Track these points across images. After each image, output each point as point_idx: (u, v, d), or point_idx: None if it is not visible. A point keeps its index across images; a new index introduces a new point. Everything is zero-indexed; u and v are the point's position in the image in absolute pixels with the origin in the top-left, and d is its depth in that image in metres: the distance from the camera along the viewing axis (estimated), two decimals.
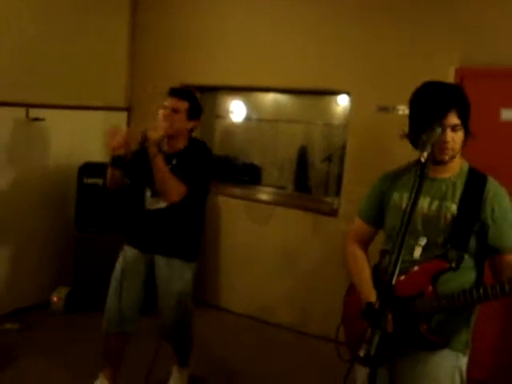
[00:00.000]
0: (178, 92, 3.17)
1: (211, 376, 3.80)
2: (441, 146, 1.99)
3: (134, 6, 5.25)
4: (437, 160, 2.05)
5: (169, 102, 3.09)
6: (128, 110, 5.34)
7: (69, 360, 3.80)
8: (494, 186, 2.07)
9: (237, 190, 5.14)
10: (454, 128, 1.99)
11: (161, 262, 3.16)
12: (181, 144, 3.13)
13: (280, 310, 4.75)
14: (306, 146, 5.41)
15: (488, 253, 2.09)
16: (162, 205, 3.09)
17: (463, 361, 2.14)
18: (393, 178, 2.25)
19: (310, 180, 5.42)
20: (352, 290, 2.33)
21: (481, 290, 1.87)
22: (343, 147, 4.53)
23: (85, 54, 4.80)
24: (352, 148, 4.36)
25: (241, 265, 4.94)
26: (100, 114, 5.01)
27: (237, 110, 5.59)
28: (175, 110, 3.06)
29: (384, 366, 2.15)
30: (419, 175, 1.77)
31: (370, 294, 2.13)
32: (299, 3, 4.50)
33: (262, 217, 4.83)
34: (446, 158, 2.04)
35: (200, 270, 5.06)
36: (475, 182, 2.07)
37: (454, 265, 2.01)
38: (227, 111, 5.62)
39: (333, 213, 4.48)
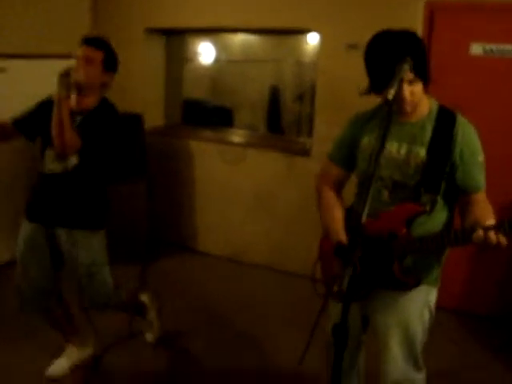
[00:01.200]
0: (93, 41, 2.83)
1: (190, 320, 3.86)
2: (400, 102, 1.95)
3: None
4: (400, 112, 2.02)
5: (82, 51, 2.77)
6: None
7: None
8: (462, 126, 2.04)
9: (208, 134, 5.11)
10: (410, 82, 1.93)
11: (62, 234, 2.87)
12: (90, 101, 2.82)
13: (256, 250, 4.82)
14: (277, 86, 5.36)
15: (457, 193, 2.09)
16: (60, 166, 2.79)
17: (433, 295, 2.20)
18: (363, 121, 2.23)
19: (283, 120, 5.40)
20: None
21: (452, 235, 1.89)
22: (314, 87, 4.50)
23: (48, 3, 4.63)
24: (322, 87, 4.34)
25: (216, 207, 4.98)
26: (62, 62, 4.85)
27: (205, 52, 5.49)
28: (89, 60, 2.76)
29: (357, 303, 2.21)
30: (387, 113, 1.76)
31: (340, 234, 2.14)
32: None
33: (234, 159, 4.83)
34: (408, 110, 2.01)
35: (175, 214, 5.16)
36: (444, 123, 2.05)
37: (428, 208, 2.03)
38: (195, 54, 5.51)
39: (305, 153, 4.50)
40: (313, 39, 4.73)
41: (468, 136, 2.04)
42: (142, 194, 4.68)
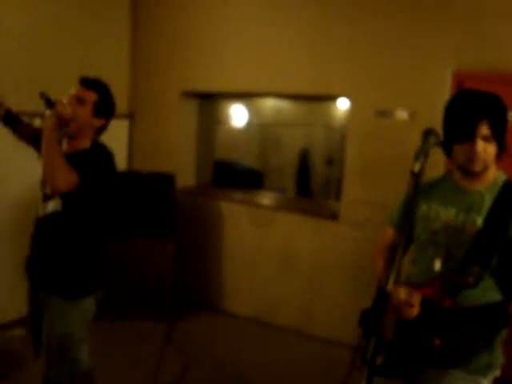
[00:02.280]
0: (89, 82, 2.63)
1: (214, 381, 3.82)
2: (471, 156, 1.92)
3: (134, 12, 5.30)
4: (468, 171, 1.98)
5: (75, 90, 2.58)
6: (130, 116, 5.40)
7: None
8: None
9: (238, 195, 5.18)
10: (485, 139, 1.90)
11: (41, 296, 2.60)
12: (82, 144, 2.57)
13: (283, 312, 4.79)
14: (307, 150, 5.45)
15: None
16: (42, 209, 2.56)
17: (484, 383, 2.03)
18: (425, 189, 2.14)
19: (312, 184, 5.46)
20: None
21: (494, 311, 1.81)
22: (343, 151, 4.57)
23: (86, 61, 4.82)
24: (351, 151, 4.40)
25: (243, 269, 4.99)
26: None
27: (237, 115, 5.63)
28: (80, 100, 2.54)
29: (402, 380, 2.10)
30: (413, 186, 1.76)
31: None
32: (300, 10, 4.53)
33: (263, 221, 4.87)
34: (477, 168, 1.95)
35: (203, 274, 5.18)
36: (507, 196, 1.96)
37: (471, 280, 1.88)
38: (228, 116, 5.66)
39: (334, 216, 4.52)
40: (343, 104, 4.84)
41: None
42: (171, 253, 4.72)
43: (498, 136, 1.92)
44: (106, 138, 2.78)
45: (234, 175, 5.52)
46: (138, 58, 5.36)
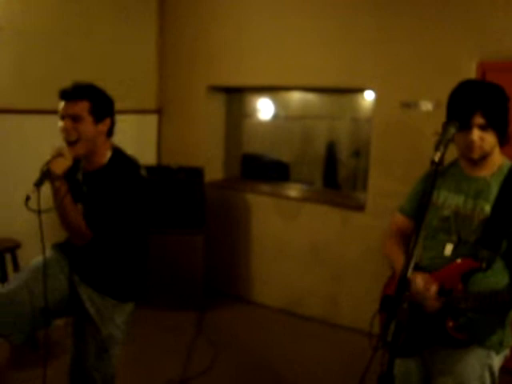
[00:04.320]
0: (72, 93, 2.40)
1: (243, 370, 3.88)
2: (468, 144, 2.00)
3: (161, 8, 5.39)
4: (468, 158, 2.07)
5: (64, 109, 2.38)
6: (159, 112, 5.50)
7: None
8: None
9: (266, 187, 5.24)
10: (481, 127, 1.97)
11: (85, 290, 2.53)
12: (101, 157, 2.46)
13: (310, 302, 4.85)
14: (333, 142, 5.46)
15: None
16: None
17: (495, 359, 2.10)
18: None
19: (339, 175, 5.48)
20: (391, 280, 2.36)
21: (505, 294, 1.87)
22: (369, 142, 4.59)
23: (114, 58, 4.94)
24: (377, 143, 4.43)
25: (271, 260, 5.06)
26: (132, 117, 5.17)
27: (264, 109, 5.69)
28: (74, 118, 2.36)
29: (417, 359, 2.20)
30: (433, 174, 1.80)
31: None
32: (324, 4, 4.57)
33: (291, 213, 4.93)
34: (475, 156, 2.03)
35: (232, 265, 5.26)
36: None
37: (484, 265, 1.99)
38: (254, 110, 5.72)
39: (360, 207, 4.56)
40: (369, 96, 4.85)
41: None
42: (200, 244, 4.81)
43: (495, 125, 1.98)
44: (136, 134, 2.78)
45: (261, 168, 5.58)
46: (165, 55, 5.46)
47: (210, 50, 5.18)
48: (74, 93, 2.39)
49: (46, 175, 2.23)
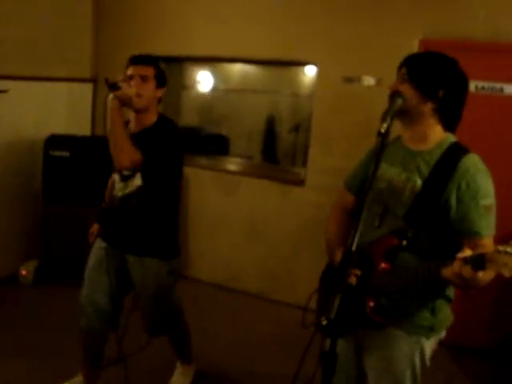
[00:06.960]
0: (143, 58, 2.80)
1: None
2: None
3: None
4: None
5: (134, 70, 2.74)
6: (94, 81, 5.28)
7: (40, 334, 3.81)
8: (469, 163, 1.88)
9: (204, 161, 5.16)
10: (405, 81, 1.98)
11: (132, 260, 2.87)
12: (150, 119, 2.79)
13: (249, 278, 4.83)
14: (273, 116, 5.42)
15: (457, 238, 1.89)
16: (125, 188, 2.79)
17: (426, 344, 2.05)
18: (375, 150, 2.19)
19: (278, 150, 5.45)
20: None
21: (424, 268, 1.78)
22: (310, 118, 4.57)
23: (48, 23, 4.70)
24: (318, 119, 4.41)
25: (209, 235, 4.99)
26: (64, 85, 4.95)
27: (203, 81, 5.56)
28: (144, 78, 2.72)
29: (348, 340, 2.15)
30: (380, 146, 1.76)
31: (335, 256, 2.11)
32: None
33: (229, 187, 4.87)
34: None
35: None
36: (450, 158, 1.92)
37: (404, 242, 1.92)
38: (194, 82, 5.59)
39: (300, 183, 4.54)
40: (310, 71, 4.81)
41: (472, 175, 1.86)
42: None
43: (415, 78, 1.96)
44: (68, 105, 2.75)
45: (200, 141, 5.48)
46: (102, 18, 5.23)
47: (149, 16, 5.00)
48: (144, 58, 2.80)
49: (114, 86, 2.57)
